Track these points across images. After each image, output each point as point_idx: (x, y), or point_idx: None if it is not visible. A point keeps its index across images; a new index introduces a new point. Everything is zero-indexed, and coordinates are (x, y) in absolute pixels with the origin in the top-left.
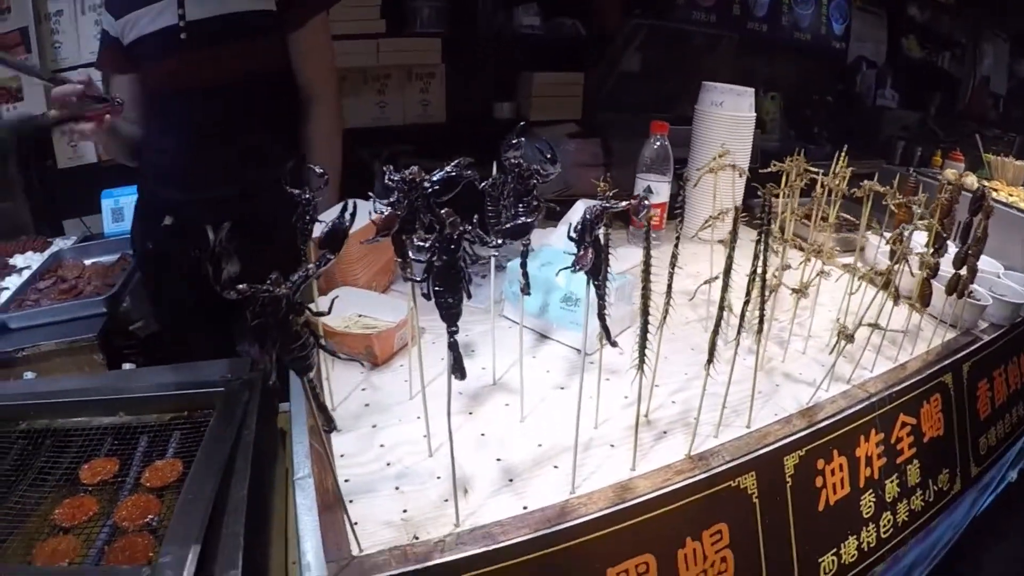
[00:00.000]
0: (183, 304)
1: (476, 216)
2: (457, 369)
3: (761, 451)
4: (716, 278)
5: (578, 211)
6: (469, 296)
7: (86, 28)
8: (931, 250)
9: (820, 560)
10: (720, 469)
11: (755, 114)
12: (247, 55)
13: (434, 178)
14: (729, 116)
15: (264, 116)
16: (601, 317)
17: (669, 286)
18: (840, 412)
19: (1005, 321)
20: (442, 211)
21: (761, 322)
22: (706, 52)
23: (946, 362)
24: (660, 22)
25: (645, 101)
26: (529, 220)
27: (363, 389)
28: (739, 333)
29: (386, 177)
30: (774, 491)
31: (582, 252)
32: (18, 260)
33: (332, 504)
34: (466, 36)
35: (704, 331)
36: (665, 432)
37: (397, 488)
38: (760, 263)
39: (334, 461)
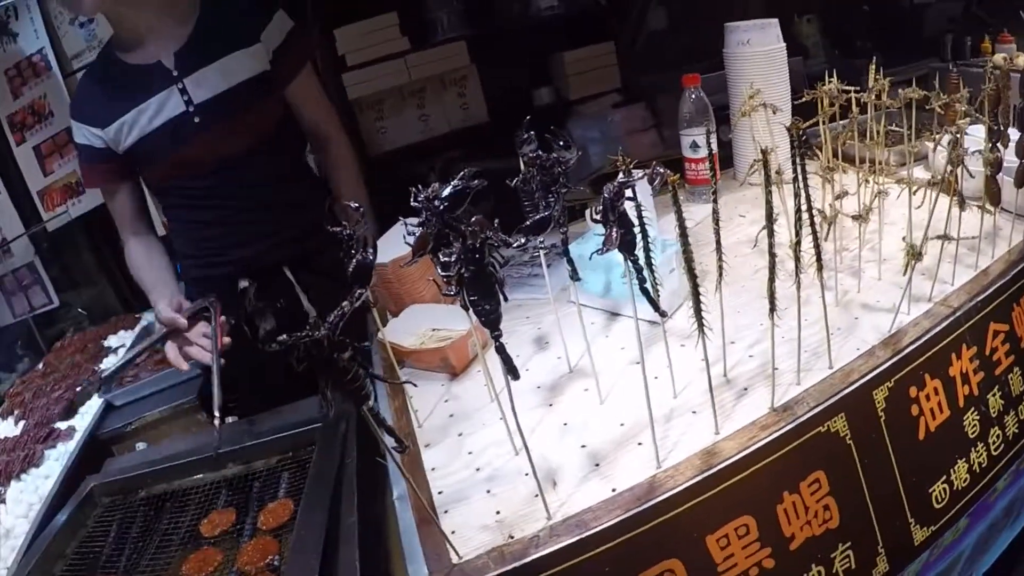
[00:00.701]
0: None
1: (497, 219)
2: (509, 370)
3: (847, 390)
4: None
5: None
6: (505, 299)
7: None
8: (988, 145)
9: (931, 490)
10: (806, 417)
11: (784, 44)
12: (259, 118)
13: (443, 194)
14: (759, 52)
15: (287, 167)
16: (644, 291)
17: (718, 242)
18: (925, 334)
19: None
20: (469, 220)
21: (819, 258)
22: None
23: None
24: None
25: (680, 54)
26: (547, 214)
27: (445, 401)
28: (797, 274)
29: (411, 199)
30: (868, 428)
31: (608, 232)
32: (112, 341)
33: (428, 518)
34: (489, 32)
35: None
36: (746, 389)
37: (488, 491)
38: (802, 199)
39: (425, 475)
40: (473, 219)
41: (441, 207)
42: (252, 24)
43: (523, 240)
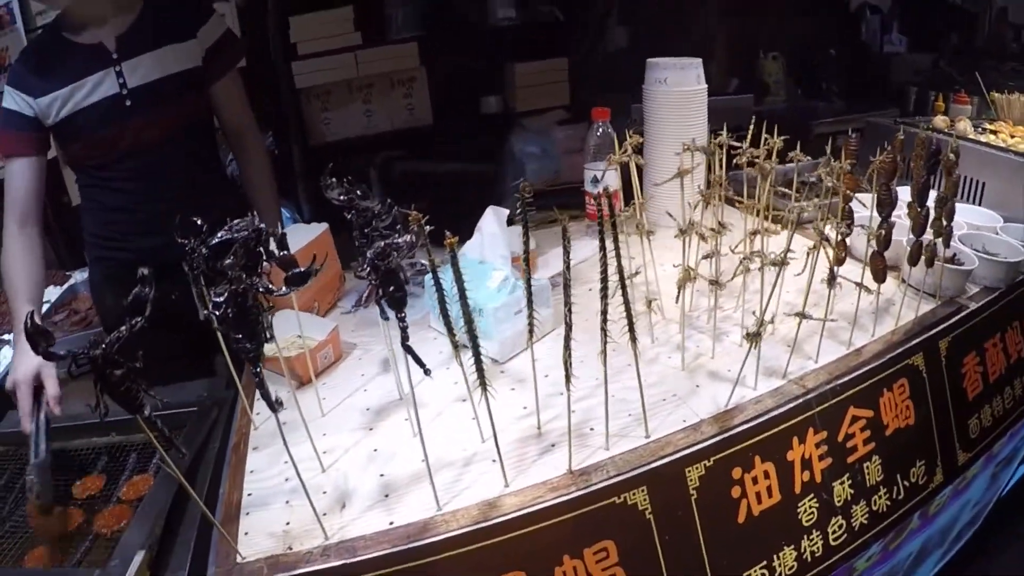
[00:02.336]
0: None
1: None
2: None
3: (654, 464)
4: (637, 273)
5: (488, 218)
6: (268, 338)
7: None
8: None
9: (745, 574)
10: (601, 485)
11: (705, 86)
12: (185, 110)
13: (210, 244)
14: (675, 92)
15: (199, 165)
16: (406, 347)
17: (566, 286)
18: (764, 414)
19: (1000, 283)
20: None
21: (631, 327)
22: (696, 19)
23: (915, 341)
24: None
25: (634, 79)
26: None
27: (285, 408)
28: (604, 342)
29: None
30: (675, 505)
31: (366, 291)
32: None
33: (231, 515)
34: (443, 36)
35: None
36: (553, 445)
37: (287, 502)
38: (604, 260)
39: (244, 475)
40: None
41: (207, 256)
42: (190, 21)
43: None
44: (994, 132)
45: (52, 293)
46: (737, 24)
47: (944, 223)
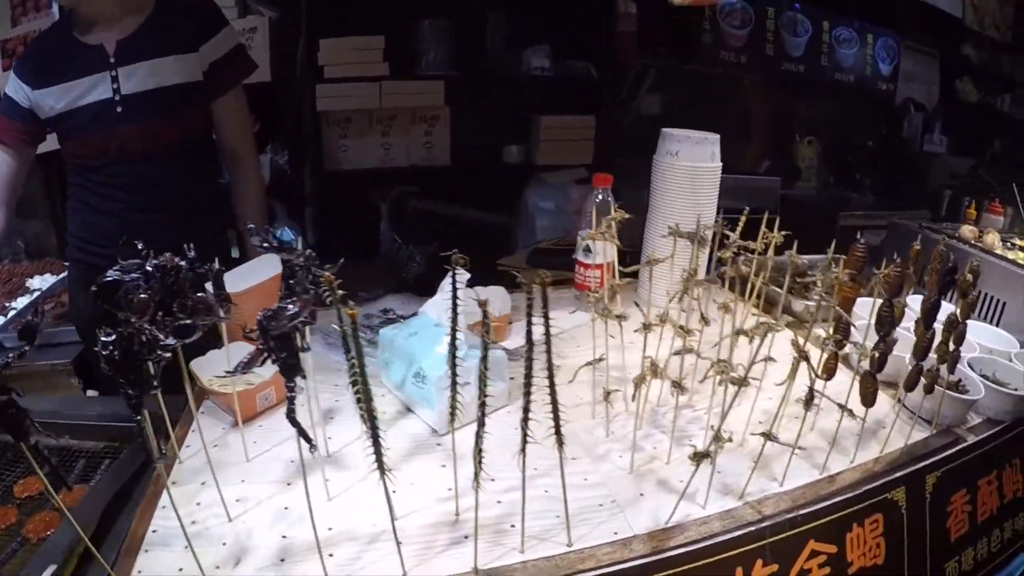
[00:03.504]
0: None
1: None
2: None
3: None
4: (601, 359)
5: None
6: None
7: None
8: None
9: None
10: None
11: (719, 164)
12: (178, 124)
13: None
14: (686, 167)
15: (194, 176)
16: (291, 420)
17: (528, 365)
18: (708, 537)
19: (1006, 416)
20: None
21: (557, 430)
22: (734, 95)
23: (899, 474)
24: (683, 64)
25: None
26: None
27: (215, 446)
28: (524, 441)
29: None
30: None
31: (252, 355)
32: (35, 281)
33: (134, 550)
34: (472, 79)
35: (589, 417)
36: (467, 537)
37: (186, 547)
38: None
39: (155, 510)
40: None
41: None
42: (196, 33)
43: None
44: (1022, 248)
45: (47, 281)
46: (777, 104)
47: (951, 347)
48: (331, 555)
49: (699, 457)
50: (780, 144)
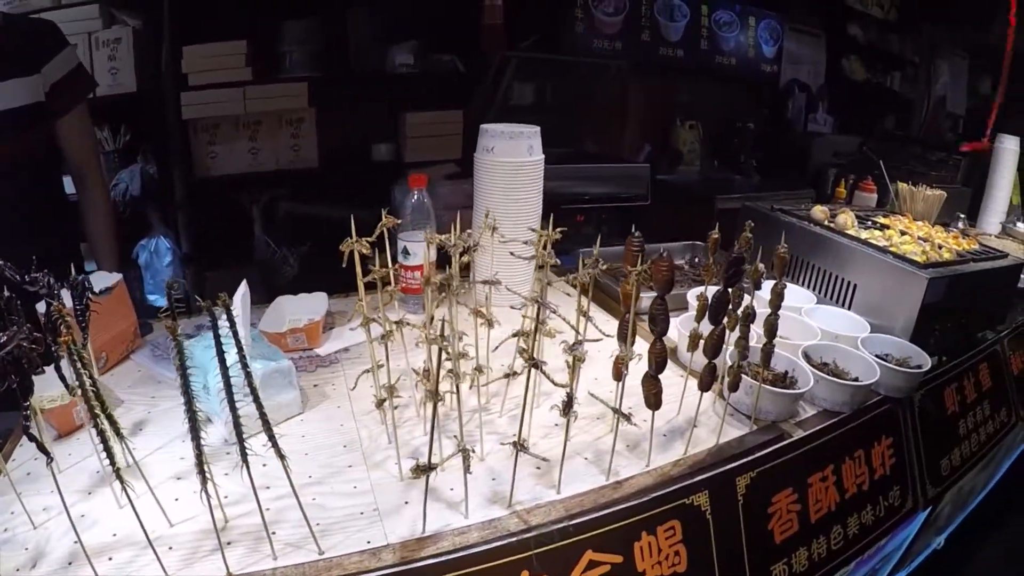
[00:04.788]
0: None
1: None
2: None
3: None
4: (381, 366)
5: (237, 292)
6: None
7: None
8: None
9: None
10: None
11: (541, 157)
12: (21, 144)
13: None
14: (502, 163)
15: (41, 194)
16: (27, 434)
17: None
18: (463, 548)
19: (844, 407)
20: None
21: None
22: (610, 83)
23: (699, 478)
24: (555, 54)
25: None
26: None
27: (35, 459)
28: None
29: None
30: None
31: None
32: None
33: None
34: (337, 79)
35: (379, 423)
36: (230, 543)
37: None
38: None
39: None
40: None
41: None
42: (37, 56)
43: None
44: (883, 227)
45: None
46: (655, 90)
47: (766, 340)
48: (110, 558)
49: (420, 471)
50: (661, 130)
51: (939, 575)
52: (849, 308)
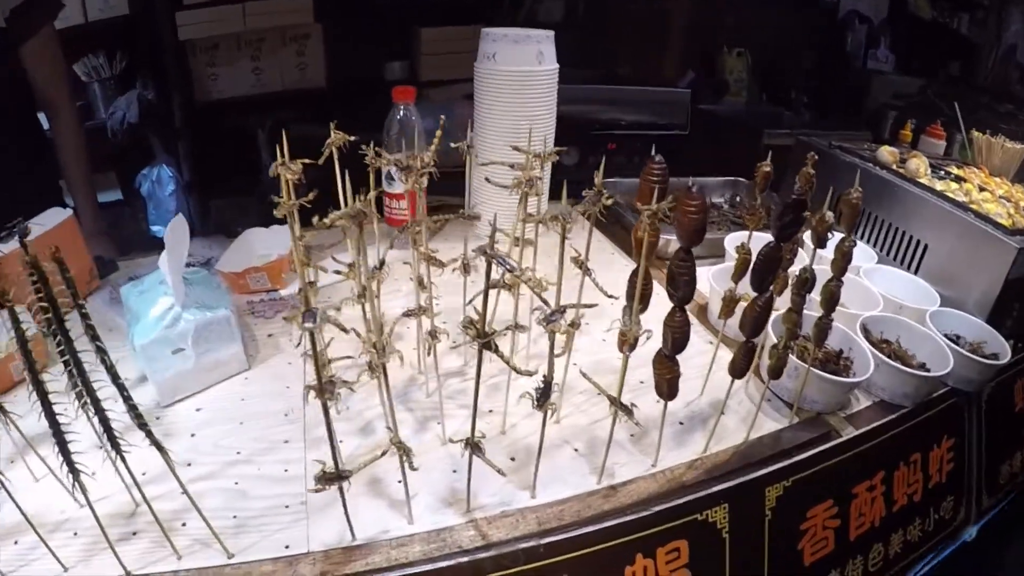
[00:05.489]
0: None
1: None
2: None
3: None
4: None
5: (171, 226)
6: None
7: None
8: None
9: None
10: None
11: (555, 67)
12: None
13: None
14: (506, 72)
15: (14, 125)
16: None
17: None
18: (401, 566)
19: (907, 400)
20: None
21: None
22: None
23: (715, 488)
24: None
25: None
26: None
27: None
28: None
29: None
30: None
31: None
32: None
33: None
34: None
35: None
36: (135, 533)
37: None
38: None
39: None
40: None
41: None
42: None
43: None
44: (959, 179)
45: None
46: (701, 11)
47: (824, 314)
48: (16, 542)
49: (325, 481)
50: (705, 56)
51: (968, 568)
52: (916, 273)
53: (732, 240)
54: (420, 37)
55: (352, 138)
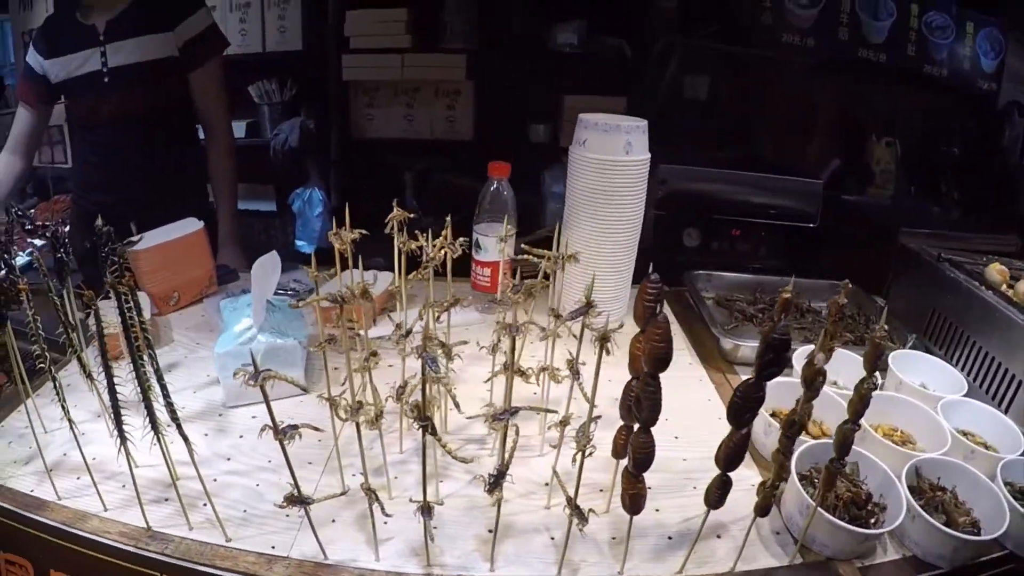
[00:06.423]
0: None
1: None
2: None
3: None
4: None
5: (261, 260)
6: None
7: None
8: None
9: None
10: None
11: (646, 157)
12: (156, 92)
13: None
14: (595, 160)
15: (173, 138)
16: None
17: None
18: None
19: (941, 562)
20: None
21: None
22: (798, 84)
23: None
24: (735, 44)
25: (704, 137)
26: None
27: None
28: None
29: None
30: None
31: None
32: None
33: None
34: (496, 53)
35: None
36: None
37: None
38: None
39: None
40: None
41: None
42: (172, 15)
43: None
44: None
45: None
46: (850, 97)
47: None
48: (78, 478)
49: (290, 502)
50: (850, 144)
51: None
52: (1007, 411)
53: (799, 355)
54: (564, 103)
55: (412, 215)
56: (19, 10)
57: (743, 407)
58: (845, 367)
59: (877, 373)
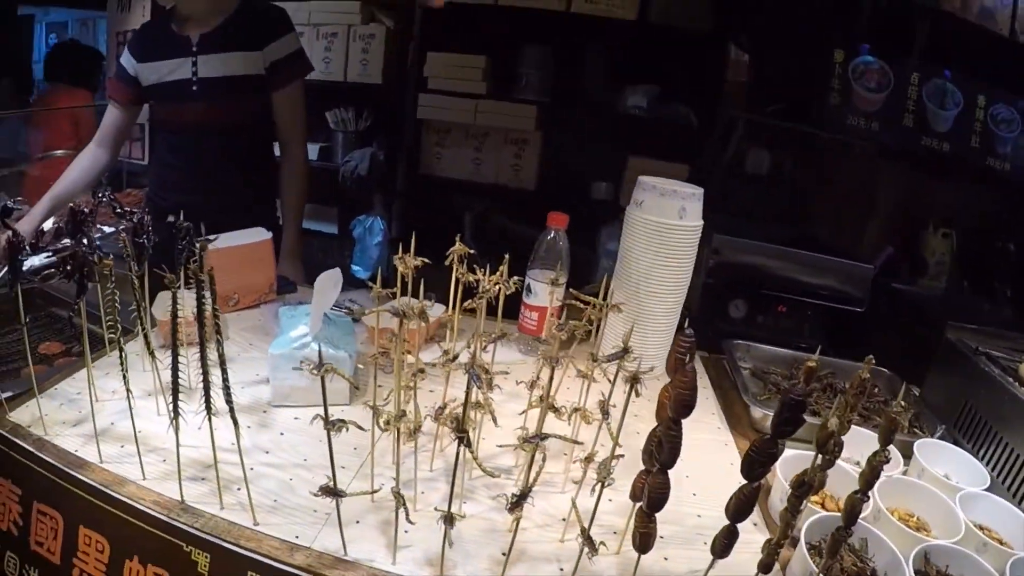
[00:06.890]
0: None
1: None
2: None
3: None
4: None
5: (323, 276)
6: None
7: None
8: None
9: None
10: None
11: (699, 223)
12: (239, 106)
13: None
14: (650, 222)
15: (249, 152)
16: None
17: None
18: None
19: None
20: None
21: None
22: (859, 167)
23: None
24: (796, 125)
25: (762, 210)
26: None
27: (135, 354)
28: None
29: None
30: None
31: None
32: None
33: None
34: (566, 108)
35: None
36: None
37: None
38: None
39: None
40: None
41: None
42: (262, 36)
43: None
44: None
45: None
46: (910, 184)
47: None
48: (122, 446)
49: (325, 492)
50: (906, 232)
51: None
52: None
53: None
54: (627, 164)
55: (471, 251)
56: (117, 11)
57: (757, 461)
58: (871, 449)
59: (893, 449)
